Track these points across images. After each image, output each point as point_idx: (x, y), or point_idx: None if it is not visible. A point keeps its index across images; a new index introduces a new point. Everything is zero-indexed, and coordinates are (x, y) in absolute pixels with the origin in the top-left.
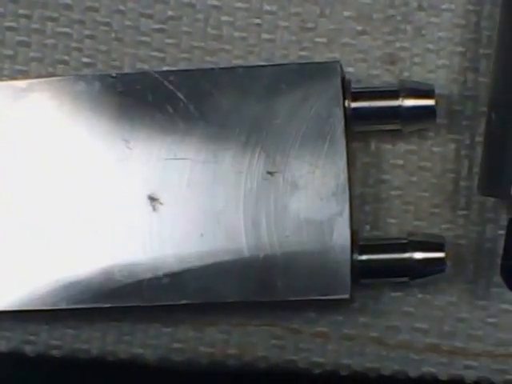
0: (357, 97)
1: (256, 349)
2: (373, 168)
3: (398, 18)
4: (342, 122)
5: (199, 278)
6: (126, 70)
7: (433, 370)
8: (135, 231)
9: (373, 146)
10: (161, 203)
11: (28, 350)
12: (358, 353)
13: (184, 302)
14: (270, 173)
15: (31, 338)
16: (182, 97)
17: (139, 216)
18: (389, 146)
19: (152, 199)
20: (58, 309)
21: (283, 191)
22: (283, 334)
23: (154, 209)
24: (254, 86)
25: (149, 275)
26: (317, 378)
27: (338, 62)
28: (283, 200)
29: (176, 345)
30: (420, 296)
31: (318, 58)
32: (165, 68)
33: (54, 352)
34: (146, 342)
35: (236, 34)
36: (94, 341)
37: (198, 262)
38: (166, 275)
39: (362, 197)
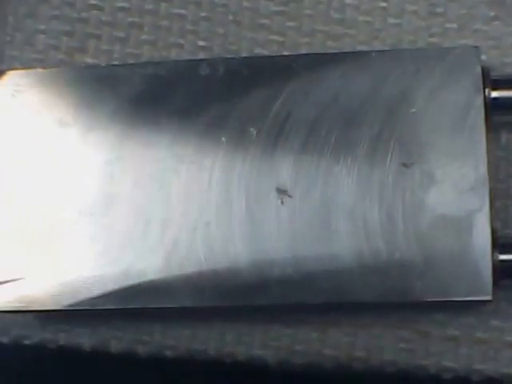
0: (497, 85)
1: (383, 352)
2: (504, 162)
3: None
4: (482, 111)
5: (331, 276)
6: (244, 55)
7: None
8: (262, 225)
9: (503, 138)
10: (289, 196)
11: (140, 350)
12: (491, 358)
13: (318, 301)
14: (405, 164)
15: (144, 337)
16: (311, 82)
17: (267, 209)
18: None
19: (280, 191)
20: (181, 307)
21: (419, 184)
22: (412, 337)
23: (282, 202)
24: (388, 71)
25: (277, 272)
26: None
27: (477, 47)
28: (419, 194)
29: (298, 347)
30: None
31: (447, 45)
32: (284, 53)
33: (168, 353)
34: (266, 343)
35: (360, 17)
36: (211, 341)
37: (329, 260)
38: (297, 272)
39: (492, 192)
